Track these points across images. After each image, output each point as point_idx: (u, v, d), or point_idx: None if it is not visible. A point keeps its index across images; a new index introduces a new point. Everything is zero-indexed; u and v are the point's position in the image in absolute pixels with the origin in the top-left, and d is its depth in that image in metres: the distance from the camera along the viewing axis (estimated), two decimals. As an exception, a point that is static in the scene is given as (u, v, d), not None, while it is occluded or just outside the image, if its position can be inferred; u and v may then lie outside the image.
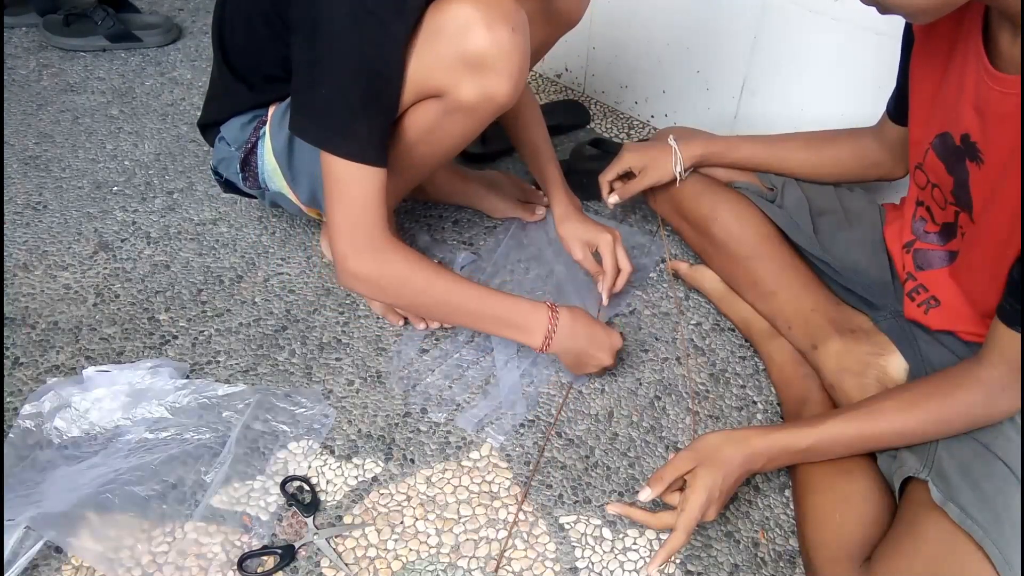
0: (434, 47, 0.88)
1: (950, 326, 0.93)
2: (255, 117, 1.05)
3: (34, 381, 1.02)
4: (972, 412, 0.80)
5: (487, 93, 0.90)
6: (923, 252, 0.96)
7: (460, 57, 0.87)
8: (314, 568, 0.85)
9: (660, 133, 1.27)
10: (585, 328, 1.00)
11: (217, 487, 0.90)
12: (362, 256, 0.91)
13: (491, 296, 0.97)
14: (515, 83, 0.91)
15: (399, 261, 0.92)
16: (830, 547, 0.82)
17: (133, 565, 0.83)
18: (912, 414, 0.81)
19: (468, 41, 0.86)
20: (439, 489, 0.94)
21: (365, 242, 0.91)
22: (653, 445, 1.01)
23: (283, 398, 1.00)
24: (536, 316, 0.97)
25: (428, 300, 0.96)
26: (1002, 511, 0.74)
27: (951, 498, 0.76)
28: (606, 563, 0.88)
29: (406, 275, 0.93)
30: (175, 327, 1.12)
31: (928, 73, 0.90)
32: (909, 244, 0.98)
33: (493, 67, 0.88)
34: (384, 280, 0.93)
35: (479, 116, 0.96)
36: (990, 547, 0.71)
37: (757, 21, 1.38)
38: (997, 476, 0.77)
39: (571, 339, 0.98)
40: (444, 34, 0.87)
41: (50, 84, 1.66)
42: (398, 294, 0.97)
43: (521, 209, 1.35)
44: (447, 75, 0.89)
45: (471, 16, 0.86)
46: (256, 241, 1.28)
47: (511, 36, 0.87)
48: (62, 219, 1.29)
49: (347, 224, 0.90)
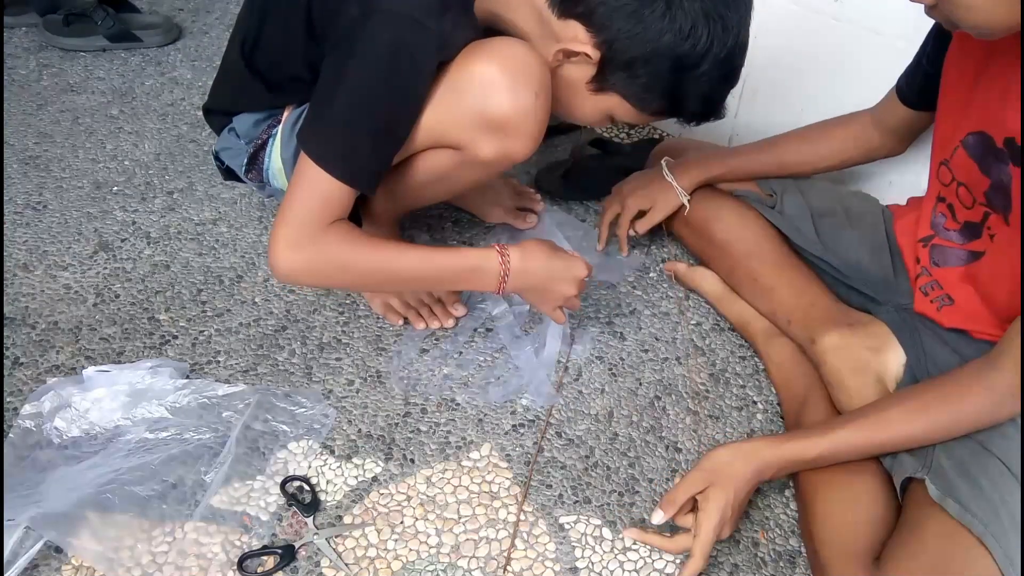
0: (456, 102, 0.89)
1: (963, 325, 0.93)
2: (270, 115, 1.04)
3: (34, 381, 1.02)
4: (979, 418, 0.80)
5: (506, 153, 0.92)
6: (941, 248, 0.95)
7: (481, 118, 0.88)
8: (314, 568, 0.85)
9: (655, 154, 1.28)
10: (541, 262, 0.97)
11: (217, 487, 0.90)
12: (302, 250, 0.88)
13: (438, 254, 0.96)
14: (535, 143, 0.92)
15: (334, 244, 0.89)
16: (841, 546, 0.82)
17: (133, 565, 0.83)
18: (920, 421, 0.81)
19: (491, 104, 0.87)
20: (439, 489, 0.94)
21: (306, 238, 0.88)
22: (653, 445, 1.01)
23: (283, 398, 1.00)
24: (487, 261, 0.95)
25: (375, 276, 0.95)
26: (1000, 506, 0.74)
27: (949, 494, 0.76)
28: (606, 563, 0.88)
29: (344, 257, 0.90)
30: (175, 327, 1.12)
31: (965, 69, 0.88)
32: (927, 239, 0.98)
33: (514, 130, 0.89)
34: (323, 270, 0.91)
35: (493, 170, 0.99)
36: (990, 541, 0.72)
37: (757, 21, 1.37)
38: (994, 472, 0.77)
39: (526, 276, 0.97)
40: (468, 92, 0.87)
41: (50, 84, 1.66)
42: (341, 279, 0.96)
43: (513, 216, 1.34)
44: (467, 132, 0.90)
45: (496, 79, 0.86)
46: (256, 241, 1.28)
47: (534, 101, 0.88)
48: (62, 219, 1.29)
49: (301, 225, 0.88)
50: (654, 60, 0.86)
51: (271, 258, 0.89)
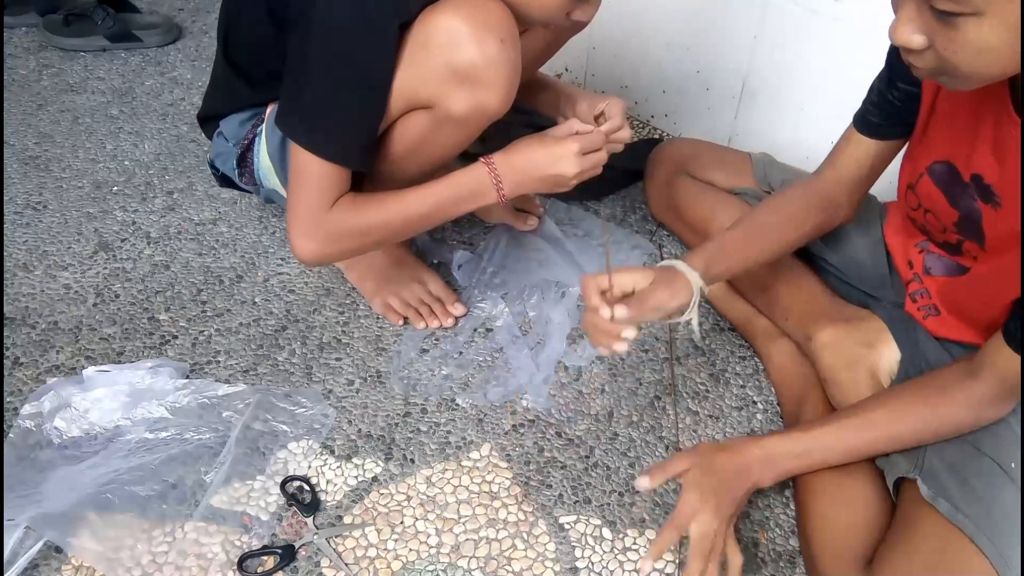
0: (422, 59, 0.87)
1: (946, 335, 0.93)
2: (254, 115, 1.05)
3: (34, 381, 1.02)
4: (960, 424, 0.81)
5: (478, 105, 0.89)
6: (934, 256, 0.95)
7: (449, 70, 0.87)
8: (314, 568, 0.85)
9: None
10: (527, 155, 0.96)
11: (217, 487, 0.90)
12: (316, 236, 0.94)
13: (432, 188, 0.97)
14: (506, 94, 0.90)
15: (342, 219, 0.94)
16: (835, 548, 0.82)
17: (133, 565, 0.83)
18: (903, 422, 0.82)
19: (456, 54, 0.85)
20: (439, 489, 0.94)
21: (315, 225, 0.94)
22: (653, 445, 1.01)
23: (283, 398, 1.00)
24: (476, 175, 0.96)
25: (390, 229, 0.98)
26: (992, 504, 0.74)
27: (941, 494, 0.76)
28: (606, 563, 0.88)
29: (356, 226, 0.95)
30: (175, 327, 1.12)
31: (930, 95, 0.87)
32: (923, 244, 0.97)
33: (483, 80, 0.87)
34: (344, 244, 0.97)
35: (470, 127, 0.95)
36: (983, 540, 0.72)
37: (757, 21, 1.37)
38: (985, 472, 0.77)
39: (520, 174, 0.96)
40: (432, 46, 0.86)
41: (50, 84, 1.66)
42: (364, 244, 1.00)
43: (513, 217, 1.34)
44: (436, 88, 0.89)
45: (459, 28, 0.84)
46: (256, 241, 1.28)
47: (500, 48, 0.86)
48: (62, 219, 1.29)
49: (307, 214, 0.94)
50: None
51: (294, 252, 0.96)
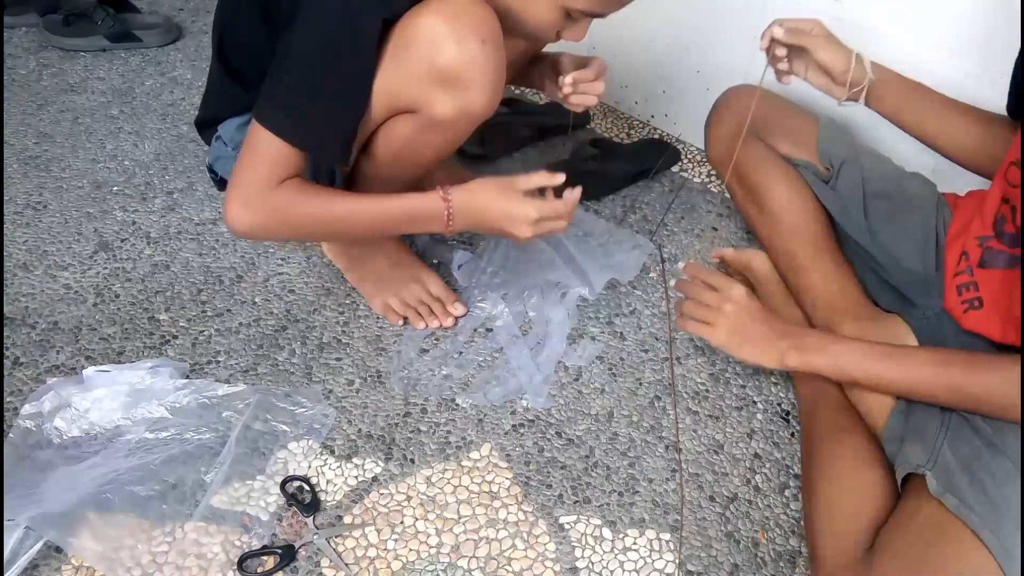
0: (404, 62, 0.87)
1: (982, 330, 0.93)
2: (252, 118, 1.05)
3: (34, 381, 1.02)
4: (992, 396, 0.82)
5: (462, 108, 0.89)
6: (992, 250, 0.95)
7: (431, 73, 0.86)
8: (314, 568, 0.85)
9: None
10: (486, 203, 0.95)
11: (217, 487, 0.90)
12: (254, 208, 0.91)
13: (383, 200, 0.96)
14: (491, 95, 0.89)
15: (284, 199, 0.91)
16: (838, 532, 0.82)
17: (133, 565, 0.83)
18: (938, 374, 0.84)
19: (438, 57, 0.85)
20: (439, 489, 0.94)
21: (257, 198, 0.91)
22: (653, 445, 1.01)
23: (283, 398, 1.00)
24: (429, 203, 0.95)
25: (329, 228, 0.97)
26: (1001, 503, 0.74)
27: (949, 490, 0.76)
28: (606, 563, 0.88)
29: (295, 210, 0.92)
30: (175, 327, 1.12)
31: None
32: (984, 239, 0.96)
33: (465, 81, 0.86)
34: (279, 226, 0.93)
35: (457, 130, 0.95)
36: (987, 535, 0.71)
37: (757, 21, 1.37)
38: (1000, 471, 0.77)
39: (473, 217, 0.96)
40: (414, 48, 0.85)
41: (50, 84, 1.66)
42: (299, 232, 0.97)
43: None
44: (420, 91, 0.88)
45: (439, 30, 0.84)
46: (256, 241, 1.28)
47: (482, 49, 0.85)
48: (62, 219, 1.29)
49: (252, 186, 0.90)
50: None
51: (226, 218, 0.91)
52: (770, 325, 0.97)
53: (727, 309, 0.98)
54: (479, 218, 0.96)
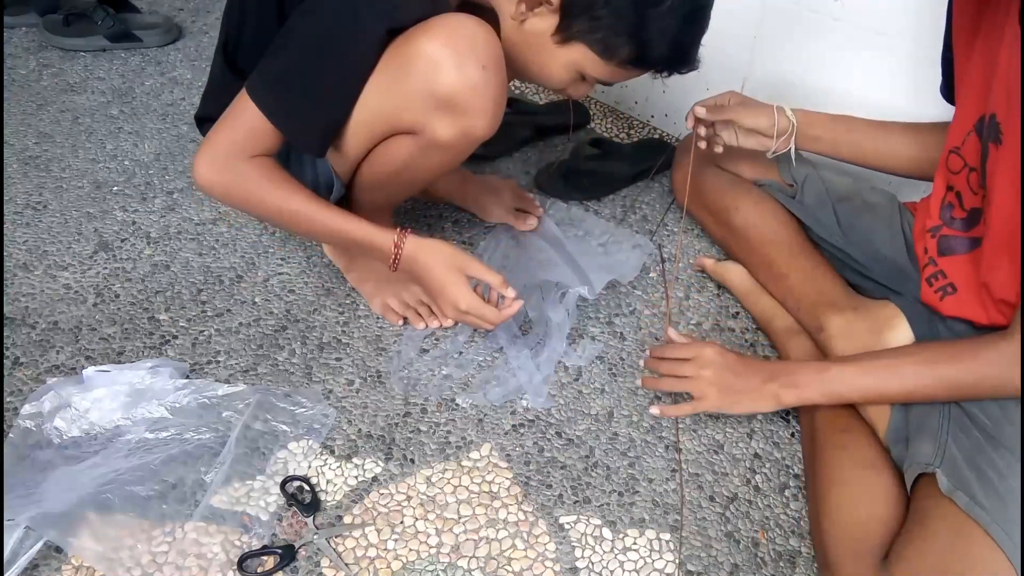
0: (403, 84, 0.87)
1: (962, 314, 0.94)
2: None
3: (34, 381, 1.02)
4: (984, 381, 0.82)
5: (463, 132, 0.89)
6: (948, 238, 0.96)
7: (431, 97, 0.86)
8: (314, 568, 0.85)
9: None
10: (432, 265, 0.97)
11: (217, 487, 0.90)
12: (219, 172, 0.91)
13: (342, 218, 0.95)
14: (492, 119, 0.90)
15: (250, 175, 0.91)
16: (851, 543, 0.82)
17: (133, 565, 0.83)
18: (929, 374, 0.85)
19: (438, 82, 0.85)
20: (439, 489, 0.94)
21: (226, 163, 0.90)
22: (653, 445, 1.01)
23: (283, 398, 1.00)
24: (381, 240, 0.96)
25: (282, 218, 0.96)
26: (1007, 495, 0.75)
27: (960, 487, 0.76)
28: (606, 563, 0.88)
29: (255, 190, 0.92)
30: (175, 327, 1.12)
31: (963, 50, 0.89)
32: (935, 229, 0.98)
33: (466, 107, 0.87)
34: (237, 197, 0.93)
35: (458, 151, 0.96)
36: (996, 531, 0.72)
37: (757, 21, 1.37)
38: (1003, 464, 0.78)
39: (415, 268, 0.98)
40: (413, 71, 0.85)
41: (50, 84, 1.66)
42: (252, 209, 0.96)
43: (513, 217, 1.34)
44: (420, 114, 0.89)
45: (439, 55, 0.84)
46: (256, 241, 1.28)
47: (482, 74, 0.85)
48: (62, 219, 1.29)
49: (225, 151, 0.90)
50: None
51: (193, 170, 0.91)
52: (754, 371, 0.95)
53: (707, 375, 0.95)
54: (419, 275, 0.99)
